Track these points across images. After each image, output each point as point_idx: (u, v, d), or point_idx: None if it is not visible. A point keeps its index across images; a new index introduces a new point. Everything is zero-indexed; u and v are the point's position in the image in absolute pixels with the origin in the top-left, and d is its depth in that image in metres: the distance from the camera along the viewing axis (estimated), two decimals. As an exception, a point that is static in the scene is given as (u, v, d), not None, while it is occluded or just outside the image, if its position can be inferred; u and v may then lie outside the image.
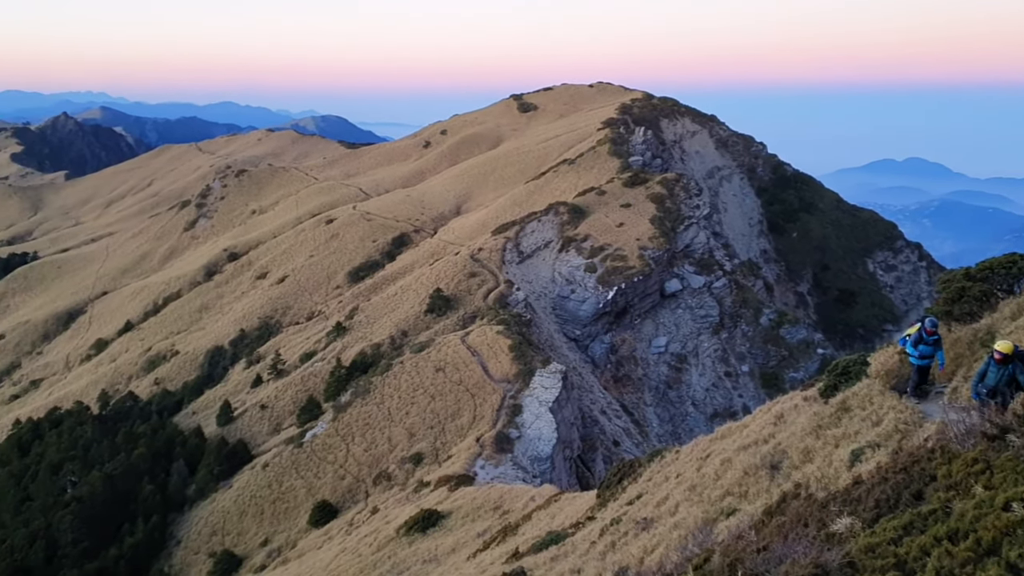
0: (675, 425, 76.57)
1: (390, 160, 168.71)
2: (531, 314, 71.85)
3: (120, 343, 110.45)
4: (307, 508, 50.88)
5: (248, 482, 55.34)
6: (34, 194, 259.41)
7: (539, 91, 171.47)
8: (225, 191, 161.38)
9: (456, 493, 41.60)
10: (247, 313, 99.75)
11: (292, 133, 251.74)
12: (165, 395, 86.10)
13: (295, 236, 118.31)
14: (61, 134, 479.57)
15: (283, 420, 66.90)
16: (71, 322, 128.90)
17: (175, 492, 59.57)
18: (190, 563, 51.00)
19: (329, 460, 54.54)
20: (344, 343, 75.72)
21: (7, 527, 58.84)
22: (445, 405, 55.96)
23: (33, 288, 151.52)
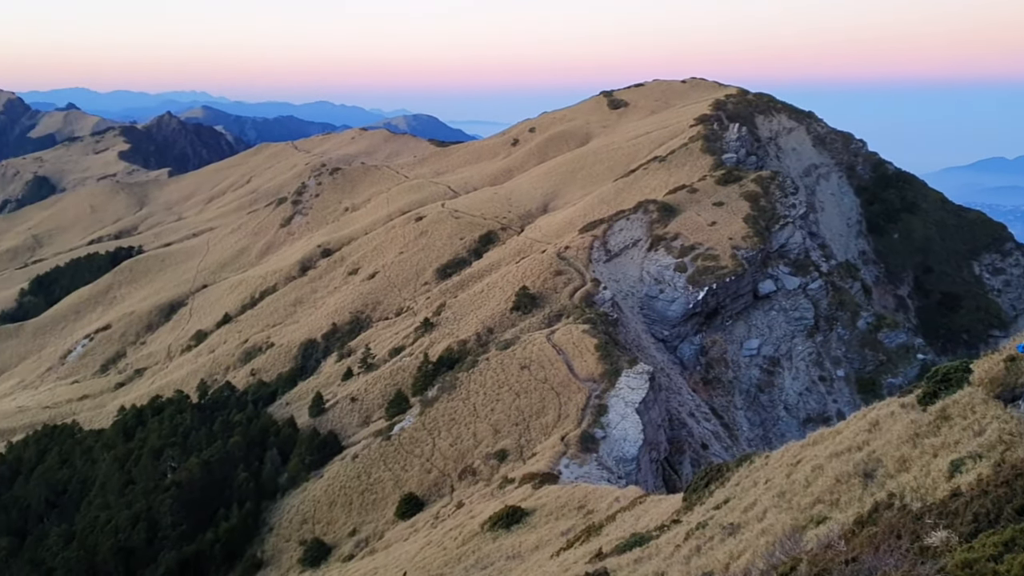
0: (766, 429, 74.81)
1: (478, 158, 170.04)
2: (618, 313, 71.28)
3: (218, 335, 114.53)
4: (394, 500, 51.70)
5: (338, 472, 56.61)
6: (140, 190, 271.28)
7: (630, 87, 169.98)
8: (320, 188, 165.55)
9: (540, 491, 41.61)
10: (339, 308, 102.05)
11: (384, 132, 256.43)
12: (260, 386, 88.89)
13: (385, 233, 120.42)
14: (165, 132, 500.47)
15: (372, 413, 68.19)
16: (173, 314, 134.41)
17: (268, 480, 61.35)
18: (281, 549, 52.49)
19: (416, 453, 55.30)
20: (431, 339, 76.65)
21: (112, 508, 61.71)
22: (530, 403, 56.02)
23: (138, 280, 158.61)
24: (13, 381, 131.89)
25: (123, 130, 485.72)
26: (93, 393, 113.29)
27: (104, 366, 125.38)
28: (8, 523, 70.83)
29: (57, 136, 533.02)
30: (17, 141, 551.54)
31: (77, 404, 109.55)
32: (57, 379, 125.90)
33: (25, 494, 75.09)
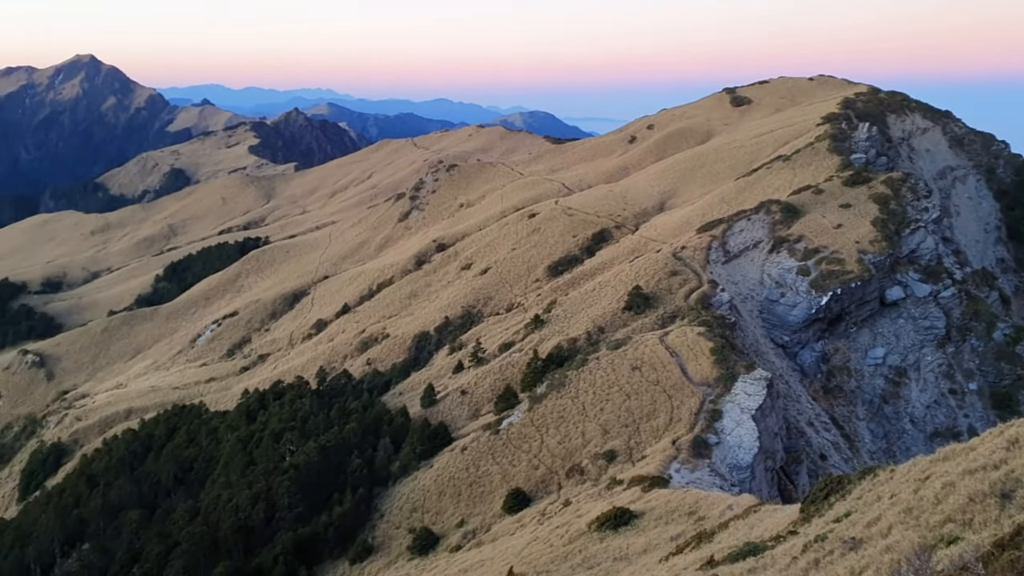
0: (890, 442, 71.23)
1: (594, 155, 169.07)
2: (735, 317, 69.27)
3: (338, 324, 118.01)
4: (501, 494, 51.81)
5: (447, 463, 57.23)
6: (267, 183, 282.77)
7: (754, 84, 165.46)
8: (436, 185, 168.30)
9: (650, 494, 40.78)
10: (452, 302, 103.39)
11: (500, 129, 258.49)
12: (375, 375, 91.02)
13: (499, 229, 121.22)
14: (293, 128, 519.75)
15: (481, 406, 68.66)
16: (296, 303, 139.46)
17: (380, 467, 62.61)
18: (391, 536, 53.45)
19: (524, 449, 55.26)
20: (541, 336, 76.54)
21: (234, 487, 64.34)
22: (641, 404, 55.07)
23: (264, 270, 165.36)
24: (147, 362, 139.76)
25: (253, 125, 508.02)
26: (219, 376, 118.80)
27: (230, 350, 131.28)
28: (140, 496, 75.03)
29: (192, 131, 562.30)
30: (157, 135, 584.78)
31: (204, 386, 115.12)
32: (187, 361, 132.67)
33: (155, 469, 79.36)
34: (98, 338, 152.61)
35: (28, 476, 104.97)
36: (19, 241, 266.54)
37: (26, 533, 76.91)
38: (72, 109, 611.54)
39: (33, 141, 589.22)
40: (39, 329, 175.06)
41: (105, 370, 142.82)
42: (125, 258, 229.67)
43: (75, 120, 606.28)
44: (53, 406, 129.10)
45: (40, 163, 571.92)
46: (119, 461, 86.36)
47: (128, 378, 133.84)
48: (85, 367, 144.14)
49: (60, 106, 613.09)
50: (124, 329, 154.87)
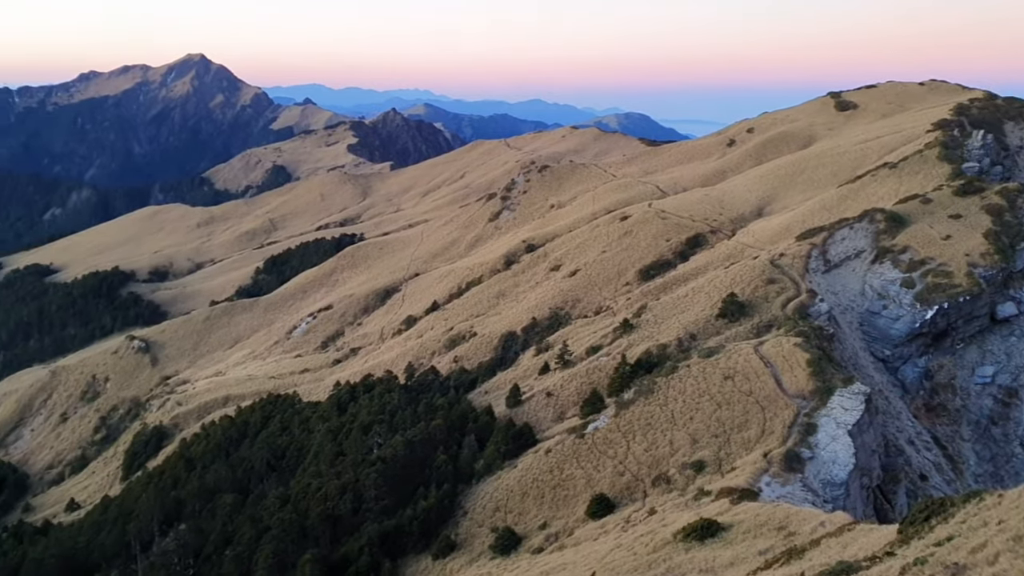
0: (997, 466, 67.61)
1: (690, 158, 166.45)
2: (834, 328, 66.93)
3: (427, 321, 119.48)
4: (585, 499, 51.34)
5: (531, 465, 57.07)
6: (364, 182, 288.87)
7: (860, 88, 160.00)
8: (528, 185, 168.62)
9: (738, 507, 39.72)
10: (539, 303, 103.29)
11: (595, 130, 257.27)
12: (462, 373, 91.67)
13: (589, 231, 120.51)
14: (390, 128, 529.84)
15: (567, 409, 68.26)
16: (387, 298, 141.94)
17: (465, 465, 62.91)
18: (474, 534, 53.62)
19: (609, 455, 54.63)
20: (630, 340, 75.61)
21: (323, 476, 65.73)
22: (732, 415, 53.71)
23: (358, 266, 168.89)
24: (245, 351, 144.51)
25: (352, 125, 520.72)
26: (313, 367, 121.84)
27: (324, 343, 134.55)
28: (234, 480, 77.49)
29: (294, 129, 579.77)
30: (260, 132, 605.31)
31: (298, 376, 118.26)
32: (283, 352, 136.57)
33: (250, 455, 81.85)
34: (200, 327, 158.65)
35: (131, 456, 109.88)
36: (130, 231, 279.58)
37: (128, 510, 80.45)
38: (182, 106, 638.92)
39: (146, 136, 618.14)
40: (146, 316, 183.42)
41: (205, 358, 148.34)
42: (227, 250, 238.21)
43: (185, 116, 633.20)
44: (156, 390, 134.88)
45: (151, 157, 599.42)
46: (216, 446, 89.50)
47: (227, 366, 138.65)
48: (187, 354, 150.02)
49: (171, 103, 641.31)
50: (224, 319, 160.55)
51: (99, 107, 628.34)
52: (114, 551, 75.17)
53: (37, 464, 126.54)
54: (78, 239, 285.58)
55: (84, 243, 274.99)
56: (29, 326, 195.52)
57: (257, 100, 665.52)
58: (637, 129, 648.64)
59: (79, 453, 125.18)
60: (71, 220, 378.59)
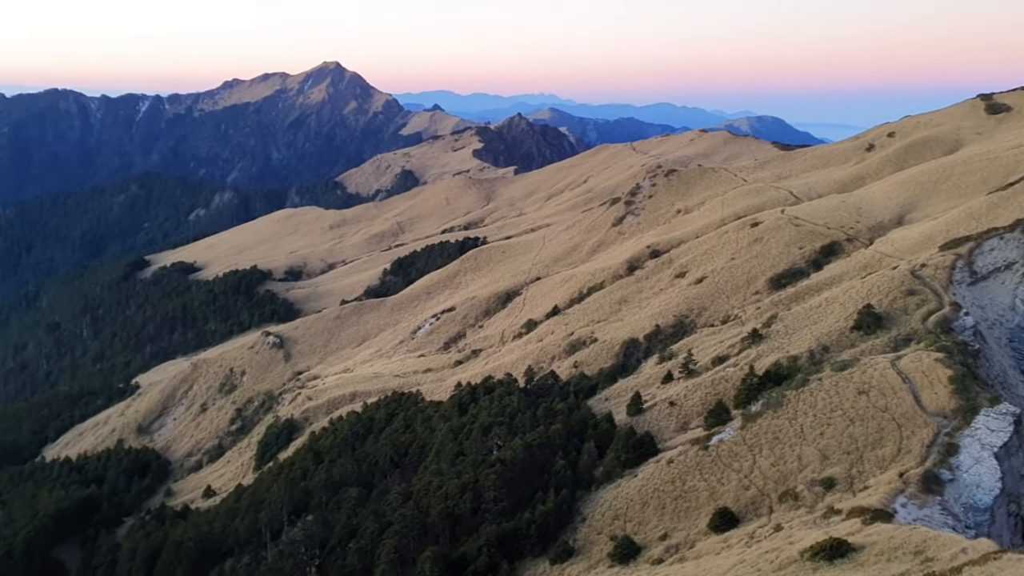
0: None
1: (826, 163, 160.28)
2: (980, 344, 62.83)
3: (547, 325, 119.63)
4: (707, 512, 50.09)
5: (652, 474, 56.16)
6: (488, 186, 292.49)
7: (1014, 90, 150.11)
8: (653, 190, 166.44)
9: (871, 528, 37.80)
10: (663, 310, 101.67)
11: (725, 134, 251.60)
12: (582, 378, 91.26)
13: (717, 237, 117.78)
14: (515, 133, 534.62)
15: (690, 420, 66.85)
16: (508, 302, 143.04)
17: (584, 471, 62.56)
18: (592, 541, 53.21)
19: (734, 468, 53.12)
20: (759, 351, 73.33)
21: (444, 475, 66.75)
22: (865, 432, 51.22)
23: (481, 268, 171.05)
24: (372, 349, 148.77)
25: (478, 130, 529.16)
26: (435, 367, 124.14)
27: (446, 344, 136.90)
28: (359, 475, 79.79)
29: (423, 134, 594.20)
30: (390, 138, 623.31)
31: (422, 376, 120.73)
32: (407, 351, 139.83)
33: (374, 451, 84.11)
34: (330, 324, 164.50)
35: (264, 447, 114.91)
36: (268, 232, 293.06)
37: (260, 499, 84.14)
38: (318, 112, 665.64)
39: (283, 141, 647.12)
40: (280, 313, 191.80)
41: (335, 354, 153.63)
42: (357, 252, 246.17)
43: (320, 122, 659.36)
44: (288, 385, 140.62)
45: (288, 162, 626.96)
46: (342, 440, 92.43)
47: (354, 363, 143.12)
48: (318, 351, 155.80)
49: (308, 109, 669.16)
50: (353, 318, 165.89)
51: (241, 113, 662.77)
52: (246, 537, 78.80)
53: (178, 451, 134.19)
54: (220, 239, 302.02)
55: (225, 243, 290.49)
56: (174, 320, 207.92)
57: (388, 106, 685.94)
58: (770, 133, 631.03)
59: (216, 442, 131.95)
60: (214, 221, 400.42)
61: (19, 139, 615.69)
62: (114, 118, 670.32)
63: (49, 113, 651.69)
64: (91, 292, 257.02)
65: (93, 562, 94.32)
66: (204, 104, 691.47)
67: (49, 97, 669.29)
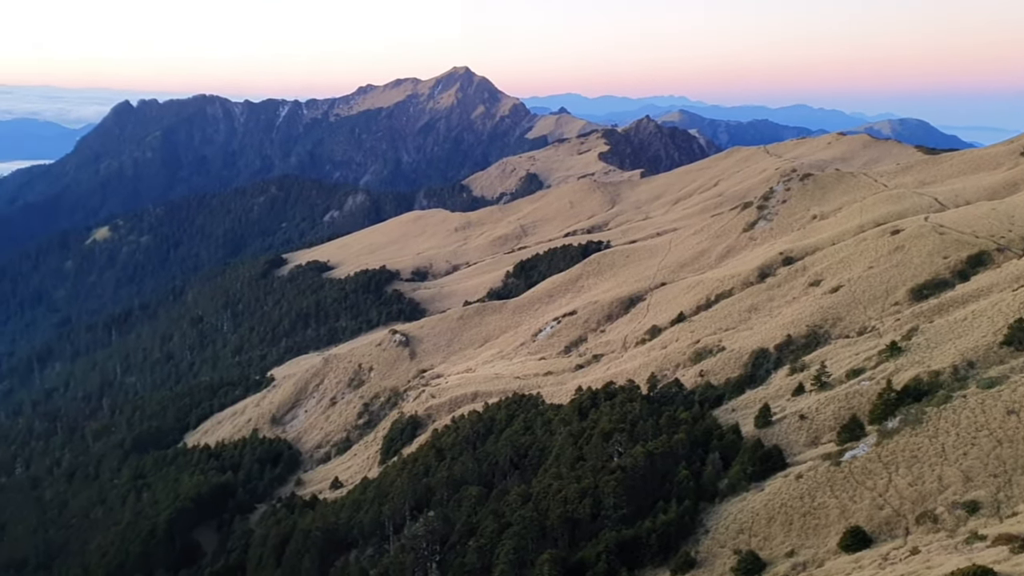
0: None
1: (975, 168, 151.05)
2: None
3: (671, 332, 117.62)
4: (838, 530, 47.95)
5: (779, 489, 54.24)
6: (613, 189, 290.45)
7: None
8: (787, 194, 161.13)
9: (1019, 557, 35.17)
10: (795, 319, 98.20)
11: (864, 137, 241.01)
12: (708, 388, 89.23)
13: (855, 245, 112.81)
14: (642, 136, 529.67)
15: (821, 434, 64.25)
16: (631, 307, 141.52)
17: (708, 482, 61.12)
18: (715, 554, 51.84)
19: (867, 486, 50.63)
20: (897, 365, 69.70)
21: (563, 479, 66.63)
22: (1015, 454, 47.79)
23: (603, 272, 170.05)
24: (494, 350, 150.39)
25: (604, 133, 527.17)
26: (556, 371, 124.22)
27: (567, 348, 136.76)
28: (479, 474, 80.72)
29: (548, 138, 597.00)
30: (516, 141, 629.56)
31: (542, 379, 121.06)
32: (528, 354, 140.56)
33: (494, 451, 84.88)
34: (454, 324, 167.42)
35: (389, 442, 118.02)
36: (396, 234, 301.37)
37: (384, 493, 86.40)
38: (447, 117, 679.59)
39: (413, 145, 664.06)
40: (407, 312, 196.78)
41: (458, 354, 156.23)
42: (481, 254, 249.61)
43: (449, 127, 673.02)
44: (413, 382, 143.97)
45: (417, 165, 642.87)
46: (464, 439, 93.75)
47: (476, 363, 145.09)
48: (442, 350, 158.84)
49: (437, 114, 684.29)
50: (476, 319, 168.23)
51: (374, 118, 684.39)
52: (371, 529, 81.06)
53: (308, 443, 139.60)
54: (351, 239, 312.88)
55: (356, 243, 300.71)
56: (308, 316, 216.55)
57: (515, 111, 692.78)
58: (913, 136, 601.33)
59: (344, 436, 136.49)
60: (347, 222, 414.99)
61: (169, 143, 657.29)
62: (256, 122, 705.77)
63: (197, 118, 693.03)
64: (232, 288, 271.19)
65: (228, 545, 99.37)
66: (340, 109, 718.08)
67: (197, 103, 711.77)
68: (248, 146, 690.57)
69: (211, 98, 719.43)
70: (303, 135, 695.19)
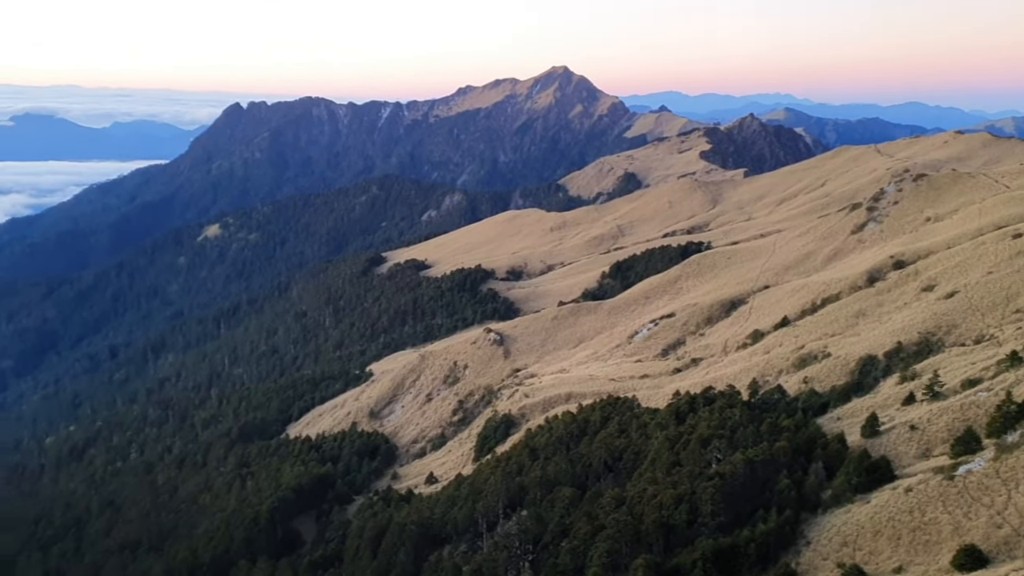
0: None
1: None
2: None
3: (774, 337, 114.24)
4: (950, 548, 45.42)
5: (887, 502, 51.78)
6: (715, 189, 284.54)
7: None
8: (899, 196, 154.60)
9: None
10: (906, 325, 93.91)
11: (984, 135, 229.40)
12: (812, 395, 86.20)
13: (972, 249, 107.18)
14: (745, 134, 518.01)
15: (933, 446, 61.08)
16: (733, 310, 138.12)
17: (810, 492, 58.96)
18: (817, 567, 49.89)
19: (983, 503, 47.82)
20: (1017, 376, 65.61)
21: (659, 484, 65.45)
22: None
23: (703, 274, 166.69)
24: (588, 351, 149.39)
25: (706, 131, 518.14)
26: (652, 374, 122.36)
27: (664, 351, 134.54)
28: (572, 475, 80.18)
29: (648, 136, 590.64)
30: (614, 141, 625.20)
31: (638, 381, 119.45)
32: (623, 356, 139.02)
33: (588, 453, 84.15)
34: (548, 325, 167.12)
35: (482, 440, 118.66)
36: (492, 233, 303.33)
37: (478, 490, 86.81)
38: (544, 116, 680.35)
39: (511, 145, 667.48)
40: (501, 311, 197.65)
41: (552, 354, 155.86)
42: (576, 254, 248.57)
43: (546, 127, 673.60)
44: (507, 381, 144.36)
45: (514, 165, 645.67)
46: (557, 439, 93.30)
47: (570, 364, 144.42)
48: (535, 349, 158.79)
49: (535, 114, 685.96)
50: (570, 319, 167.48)
51: (472, 119, 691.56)
52: (464, 526, 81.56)
53: (404, 437, 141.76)
54: (448, 238, 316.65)
55: (453, 242, 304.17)
56: (405, 313, 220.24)
57: (614, 109, 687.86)
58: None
59: (439, 432, 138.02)
60: (444, 221, 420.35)
61: (277, 143, 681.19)
62: (359, 124, 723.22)
63: (303, 120, 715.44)
64: (334, 284, 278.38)
65: (326, 535, 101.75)
66: (439, 110, 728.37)
67: (304, 105, 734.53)
68: (351, 147, 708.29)
69: (317, 100, 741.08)
70: (403, 136, 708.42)
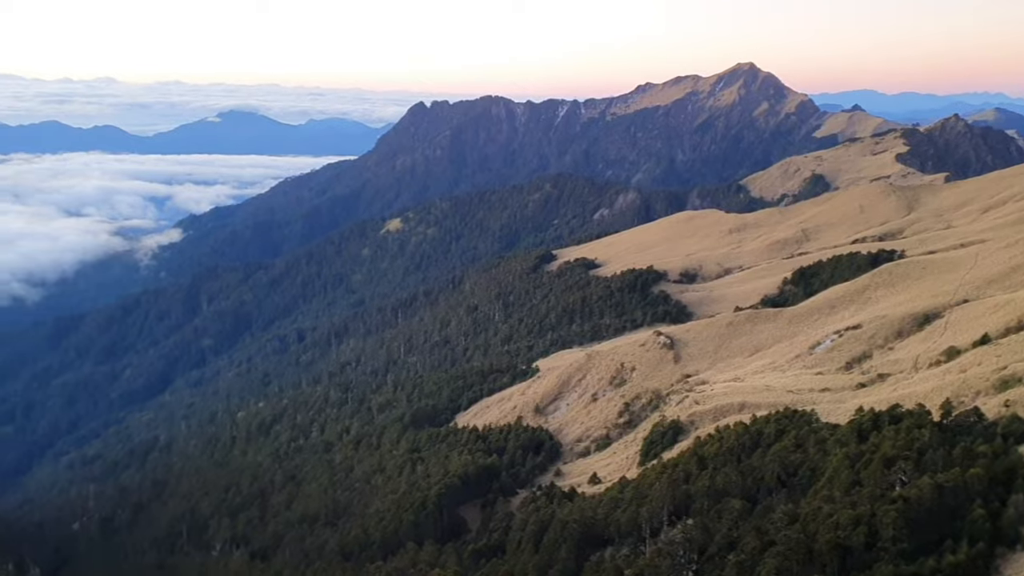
0: None
1: None
2: None
3: (973, 355, 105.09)
4: None
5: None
6: (911, 194, 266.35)
7: None
8: None
9: None
10: None
11: None
12: (1014, 420, 78.23)
13: None
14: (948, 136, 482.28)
15: None
16: (926, 324, 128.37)
17: (1007, 525, 53.60)
18: (1016, 611, 45.31)
19: None
20: None
21: (836, 503, 61.72)
22: None
23: (895, 285, 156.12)
24: (764, 361, 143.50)
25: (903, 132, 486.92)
26: (834, 388, 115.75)
27: (848, 364, 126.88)
28: (743, 487, 77.21)
29: (839, 136, 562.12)
30: (802, 141, 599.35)
31: (817, 395, 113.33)
32: (802, 367, 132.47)
33: (760, 466, 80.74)
34: (722, 331, 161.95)
35: (649, 444, 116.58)
36: (666, 233, 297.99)
37: (642, 495, 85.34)
38: (727, 114, 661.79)
39: (689, 144, 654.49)
40: (672, 315, 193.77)
41: (724, 362, 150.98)
42: (756, 258, 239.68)
43: (728, 125, 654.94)
44: (676, 386, 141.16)
45: (692, 164, 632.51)
46: (728, 450, 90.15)
47: (745, 373, 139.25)
48: (707, 355, 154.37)
49: (717, 112, 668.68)
50: (747, 326, 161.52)
51: (650, 117, 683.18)
52: (627, 529, 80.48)
53: (568, 436, 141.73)
54: (620, 238, 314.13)
55: (624, 242, 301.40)
56: (573, 312, 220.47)
57: (802, 108, 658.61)
58: None
59: (604, 433, 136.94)
60: (616, 220, 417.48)
61: (457, 141, 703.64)
62: (536, 122, 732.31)
63: (482, 119, 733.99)
64: (504, 280, 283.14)
65: (490, 526, 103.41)
66: (616, 108, 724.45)
67: (483, 104, 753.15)
68: (527, 145, 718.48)
69: (496, 99, 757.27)
70: (579, 134, 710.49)
